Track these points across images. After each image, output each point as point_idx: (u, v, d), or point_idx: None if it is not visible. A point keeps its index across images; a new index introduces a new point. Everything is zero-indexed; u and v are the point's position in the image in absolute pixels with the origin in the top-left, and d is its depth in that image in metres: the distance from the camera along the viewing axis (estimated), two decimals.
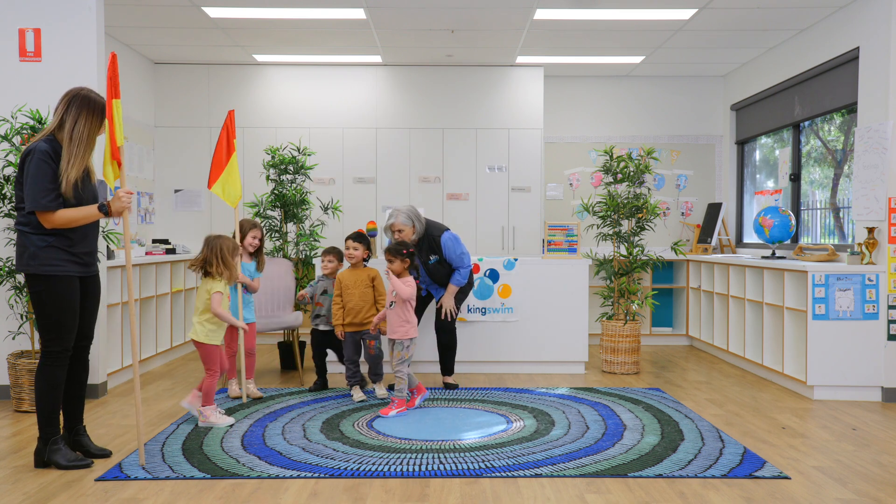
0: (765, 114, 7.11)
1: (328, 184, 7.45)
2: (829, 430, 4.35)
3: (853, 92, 5.56)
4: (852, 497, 3.27)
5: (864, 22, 5.39)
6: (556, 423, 4.39)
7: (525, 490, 3.32)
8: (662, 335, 7.65)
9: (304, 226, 6.34)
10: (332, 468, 3.57)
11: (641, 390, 5.32)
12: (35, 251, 3.42)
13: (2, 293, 4.89)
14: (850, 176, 5.77)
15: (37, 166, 3.36)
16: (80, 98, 3.49)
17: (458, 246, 5.27)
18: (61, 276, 3.45)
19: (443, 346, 5.43)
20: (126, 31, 6.42)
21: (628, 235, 6.15)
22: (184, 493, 3.27)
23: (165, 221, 7.44)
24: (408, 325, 4.66)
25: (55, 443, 3.54)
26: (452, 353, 5.45)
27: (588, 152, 8.00)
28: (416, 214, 5.19)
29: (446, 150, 7.52)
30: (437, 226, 5.33)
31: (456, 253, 5.24)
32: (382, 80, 7.53)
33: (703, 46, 6.84)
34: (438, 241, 5.23)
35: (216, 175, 4.86)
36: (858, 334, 5.09)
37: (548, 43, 6.74)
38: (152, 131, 7.42)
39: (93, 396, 5.01)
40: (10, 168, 4.60)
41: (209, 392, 4.31)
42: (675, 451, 3.85)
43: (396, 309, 4.65)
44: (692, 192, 8.02)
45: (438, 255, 5.25)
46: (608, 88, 8.02)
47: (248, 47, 6.94)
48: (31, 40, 4.93)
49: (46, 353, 3.49)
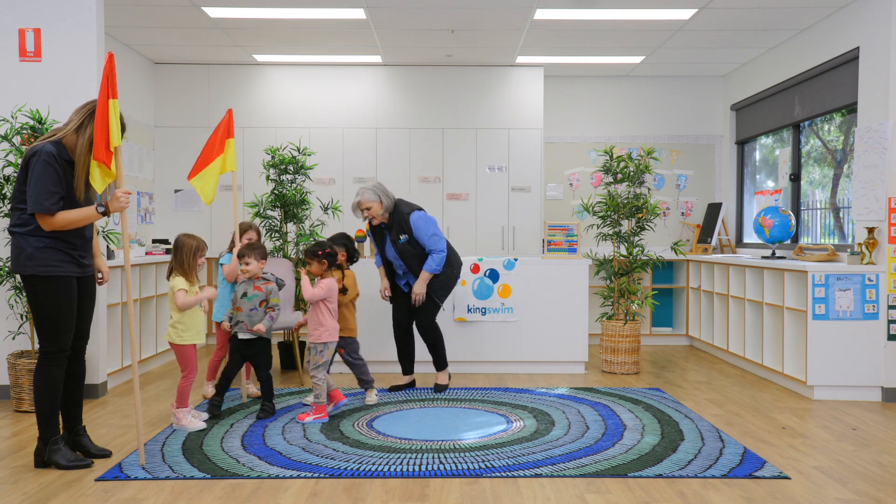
0: (765, 114, 7.11)
1: (328, 184, 7.45)
2: (829, 430, 4.35)
3: (853, 92, 5.56)
4: (852, 497, 3.27)
5: (864, 22, 5.39)
6: (556, 423, 4.39)
7: (525, 490, 3.32)
8: (662, 335, 7.65)
9: (304, 226, 6.34)
10: (332, 468, 3.57)
11: (641, 390, 5.32)
12: (32, 252, 3.41)
13: (2, 293, 4.89)
14: (850, 176, 5.77)
15: (42, 168, 3.35)
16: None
17: (430, 226, 5.05)
18: (60, 277, 3.45)
19: (428, 345, 5.28)
20: (126, 31, 6.42)
21: (628, 235, 6.15)
22: (184, 493, 3.27)
23: (165, 221, 7.44)
24: (321, 329, 4.49)
25: (55, 443, 3.54)
26: (438, 349, 5.30)
27: (588, 152, 8.00)
28: (384, 190, 5.07)
29: (446, 150, 7.52)
30: (409, 204, 5.16)
31: (427, 233, 5.03)
32: (382, 80, 7.53)
33: (703, 46, 6.84)
34: (408, 219, 5.05)
35: (199, 168, 4.70)
36: (858, 334, 5.09)
37: (548, 43, 6.75)
38: (152, 131, 7.42)
39: (93, 396, 5.01)
40: (10, 168, 4.60)
41: (184, 393, 4.25)
42: (675, 451, 3.85)
43: (313, 312, 4.52)
44: (692, 192, 8.02)
45: (408, 234, 5.07)
46: (608, 88, 8.02)
47: (248, 47, 6.94)
48: (31, 40, 4.93)
49: (44, 353, 3.50)
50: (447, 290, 5.26)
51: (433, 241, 5.05)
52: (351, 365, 4.89)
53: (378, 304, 5.76)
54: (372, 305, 5.78)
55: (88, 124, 3.44)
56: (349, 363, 4.90)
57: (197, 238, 4.36)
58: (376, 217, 5.08)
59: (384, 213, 5.07)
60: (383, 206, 5.03)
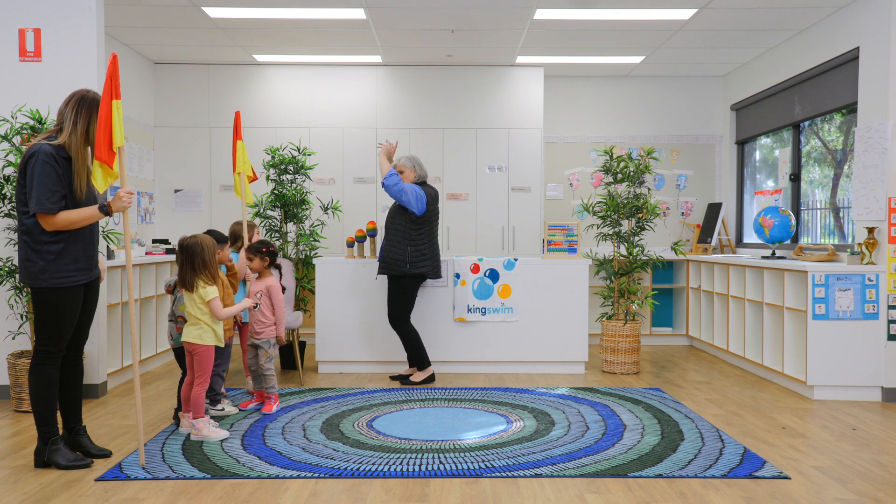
0: (765, 114, 7.11)
1: (328, 184, 7.45)
2: (829, 430, 4.35)
3: (853, 92, 5.56)
4: (852, 497, 3.27)
5: (864, 22, 5.39)
6: (556, 423, 4.39)
7: (525, 490, 3.32)
8: (662, 335, 7.65)
9: (304, 226, 6.34)
10: (332, 468, 3.57)
11: (641, 390, 5.32)
12: (44, 266, 3.39)
13: (2, 293, 4.89)
14: (850, 176, 5.77)
15: (42, 168, 3.34)
16: (89, 101, 3.48)
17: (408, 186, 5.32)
18: (70, 287, 3.45)
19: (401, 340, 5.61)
20: (126, 32, 6.42)
21: (628, 235, 6.15)
22: (184, 493, 3.27)
23: (165, 221, 7.44)
24: (268, 326, 4.69)
25: (54, 443, 3.54)
26: (409, 346, 5.53)
27: (588, 152, 8.00)
28: (419, 162, 5.54)
29: (446, 150, 7.52)
30: (429, 186, 5.54)
31: (400, 186, 5.30)
32: (382, 80, 7.53)
33: (703, 46, 6.84)
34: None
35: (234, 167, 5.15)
36: (858, 334, 5.09)
37: (548, 43, 6.75)
38: (152, 131, 7.42)
39: (93, 396, 5.01)
40: (10, 168, 4.60)
41: (199, 402, 4.03)
42: (675, 451, 3.85)
43: (253, 313, 4.65)
44: (692, 192, 8.02)
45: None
46: (608, 88, 8.02)
47: (248, 47, 6.94)
48: (31, 40, 4.93)
49: (40, 353, 3.48)
50: (396, 269, 5.37)
51: (392, 180, 5.31)
52: (217, 375, 4.67)
53: (374, 304, 5.76)
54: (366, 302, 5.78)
55: (79, 119, 3.44)
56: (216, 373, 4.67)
57: (204, 235, 4.15)
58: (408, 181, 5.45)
59: (418, 179, 5.48)
60: (416, 175, 5.47)
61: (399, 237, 5.37)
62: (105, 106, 3.37)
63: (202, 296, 3.97)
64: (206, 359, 4.03)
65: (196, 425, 4.04)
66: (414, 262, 5.36)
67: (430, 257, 5.44)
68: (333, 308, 5.89)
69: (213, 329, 4.03)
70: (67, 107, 3.48)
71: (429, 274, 5.46)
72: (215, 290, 4.00)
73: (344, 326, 5.90)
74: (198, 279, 3.97)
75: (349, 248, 6.03)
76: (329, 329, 5.90)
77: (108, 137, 3.37)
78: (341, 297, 5.89)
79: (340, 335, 5.91)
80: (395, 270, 5.37)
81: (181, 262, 4.00)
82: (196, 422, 4.04)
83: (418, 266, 5.37)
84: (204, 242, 4.01)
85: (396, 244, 5.37)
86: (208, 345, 4.03)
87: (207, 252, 4.00)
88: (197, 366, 4.04)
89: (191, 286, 3.97)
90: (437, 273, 5.52)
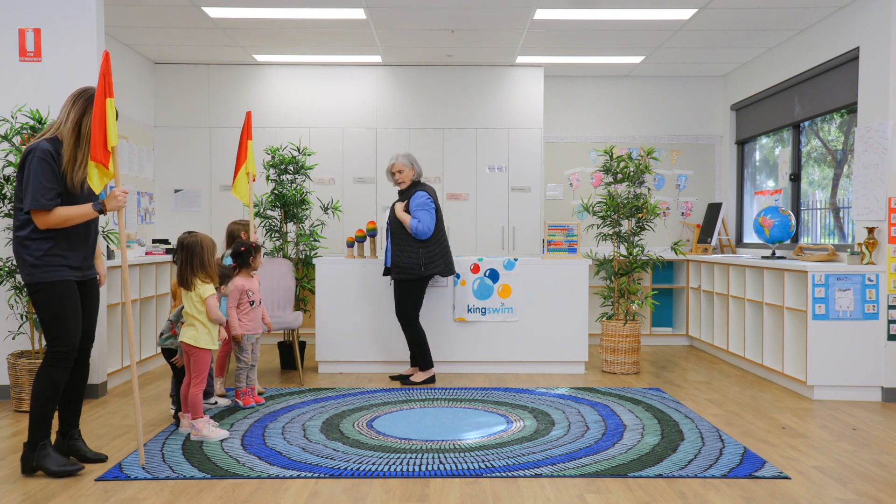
0: (765, 114, 7.11)
1: (328, 184, 7.45)
2: (829, 430, 4.35)
3: (853, 92, 5.56)
4: (852, 497, 3.27)
5: (864, 22, 5.39)
6: (556, 423, 4.39)
7: (525, 490, 3.32)
8: (662, 335, 7.65)
9: (304, 226, 6.34)
10: (332, 468, 3.57)
11: (641, 390, 5.32)
12: (34, 261, 3.40)
13: (2, 293, 4.89)
14: (850, 176, 5.77)
15: (38, 165, 3.34)
16: (87, 95, 3.48)
17: (425, 202, 5.33)
18: (60, 281, 3.44)
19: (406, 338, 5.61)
20: (126, 32, 6.42)
21: (628, 235, 6.15)
22: (184, 493, 3.27)
23: (165, 221, 7.44)
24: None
25: (43, 448, 3.47)
26: (416, 345, 5.53)
27: (588, 152, 8.00)
28: (415, 160, 5.54)
29: (446, 150, 7.52)
30: (429, 186, 5.54)
31: (417, 201, 5.34)
32: (382, 80, 7.53)
33: (703, 46, 6.84)
34: (416, 191, 5.42)
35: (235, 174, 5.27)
36: (858, 334, 5.09)
37: (548, 43, 6.74)
38: (152, 131, 7.42)
39: (93, 396, 5.01)
40: (10, 168, 4.60)
41: (197, 403, 4.04)
42: (675, 451, 3.85)
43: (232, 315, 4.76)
44: (692, 192, 8.02)
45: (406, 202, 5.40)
46: (608, 88, 8.02)
47: (248, 47, 6.94)
48: (31, 40, 4.93)
49: (51, 354, 3.44)
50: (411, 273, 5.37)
51: (420, 213, 5.33)
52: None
53: (377, 303, 5.76)
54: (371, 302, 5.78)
55: (73, 109, 3.43)
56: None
57: (204, 234, 4.12)
58: (405, 182, 5.48)
59: (416, 177, 5.51)
60: (415, 172, 5.50)
61: (409, 240, 5.36)
62: (99, 104, 3.35)
63: (199, 293, 3.98)
64: (201, 360, 4.05)
65: (196, 426, 4.03)
66: (428, 263, 5.37)
67: (442, 255, 5.46)
68: (333, 308, 5.89)
69: (209, 330, 4.04)
70: (66, 101, 3.49)
71: (444, 272, 5.48)
72: (212, 287, 4.01)
73: (344, 326, 5.90)
74: (195, 277, 3.99)
75: (349, 249, 6.03)
76: (329, 329, 5.90)
77: (103, 137, 3.36)
78: (341, 298, 5.90)
79: (340, 335, 5.91)
80: (410, 274, 5.36)
81: (181, 260, 4.02)
82: (195, 422, 4.04)
83: (432, 267, 5.40)
84: (204, 242, 4.03)
85: (408, 248, 5.36)
86: (203, 348, 4.03)
87: (207, 252, 4.01)
88: (193, 367, 4.05)
89: (188, 284, 3.99)
90: (451, 270, 5.54)
